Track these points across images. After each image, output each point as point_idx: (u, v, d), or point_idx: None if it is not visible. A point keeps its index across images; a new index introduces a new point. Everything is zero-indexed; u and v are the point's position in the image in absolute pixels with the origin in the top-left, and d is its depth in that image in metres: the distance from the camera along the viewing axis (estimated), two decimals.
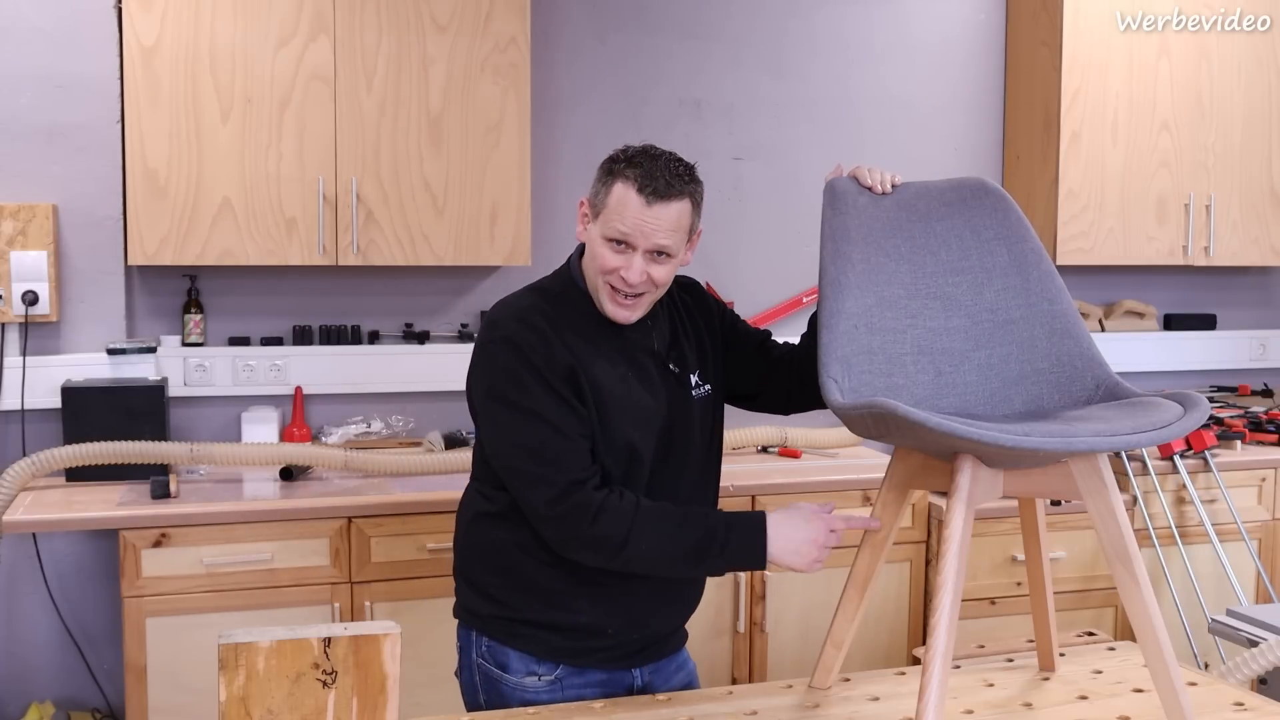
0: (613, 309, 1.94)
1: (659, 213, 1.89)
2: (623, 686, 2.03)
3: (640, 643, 2.03)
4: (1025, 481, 1.77)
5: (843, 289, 1.83)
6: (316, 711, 1.41)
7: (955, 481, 1.64)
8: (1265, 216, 4.13)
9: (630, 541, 1.84)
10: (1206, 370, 4.41)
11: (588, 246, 1.97)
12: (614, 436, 1.93)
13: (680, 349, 2.06)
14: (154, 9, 3.11)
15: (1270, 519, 3.83)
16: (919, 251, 1.90)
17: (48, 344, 3.31)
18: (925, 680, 1.57)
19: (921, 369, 1.83)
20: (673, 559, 1.87)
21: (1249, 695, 1.95)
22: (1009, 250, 1.90)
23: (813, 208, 3.95)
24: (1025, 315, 1.87)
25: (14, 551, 3.30)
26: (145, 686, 2.88)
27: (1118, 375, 1.83)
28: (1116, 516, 1.72)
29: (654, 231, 1.89)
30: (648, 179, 1.89)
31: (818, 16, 3.99)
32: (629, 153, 1.95)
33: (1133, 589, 1.73)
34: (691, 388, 2.04)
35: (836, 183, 1.98)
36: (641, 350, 2.00)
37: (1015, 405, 1.84)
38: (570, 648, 1.99)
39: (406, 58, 3.28)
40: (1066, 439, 1.56)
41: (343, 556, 2.99)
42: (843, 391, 1.75)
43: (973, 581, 3.44)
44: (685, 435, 2.02)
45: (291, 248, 3.23)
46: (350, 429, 3.53)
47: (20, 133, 3.26)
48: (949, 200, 1.94)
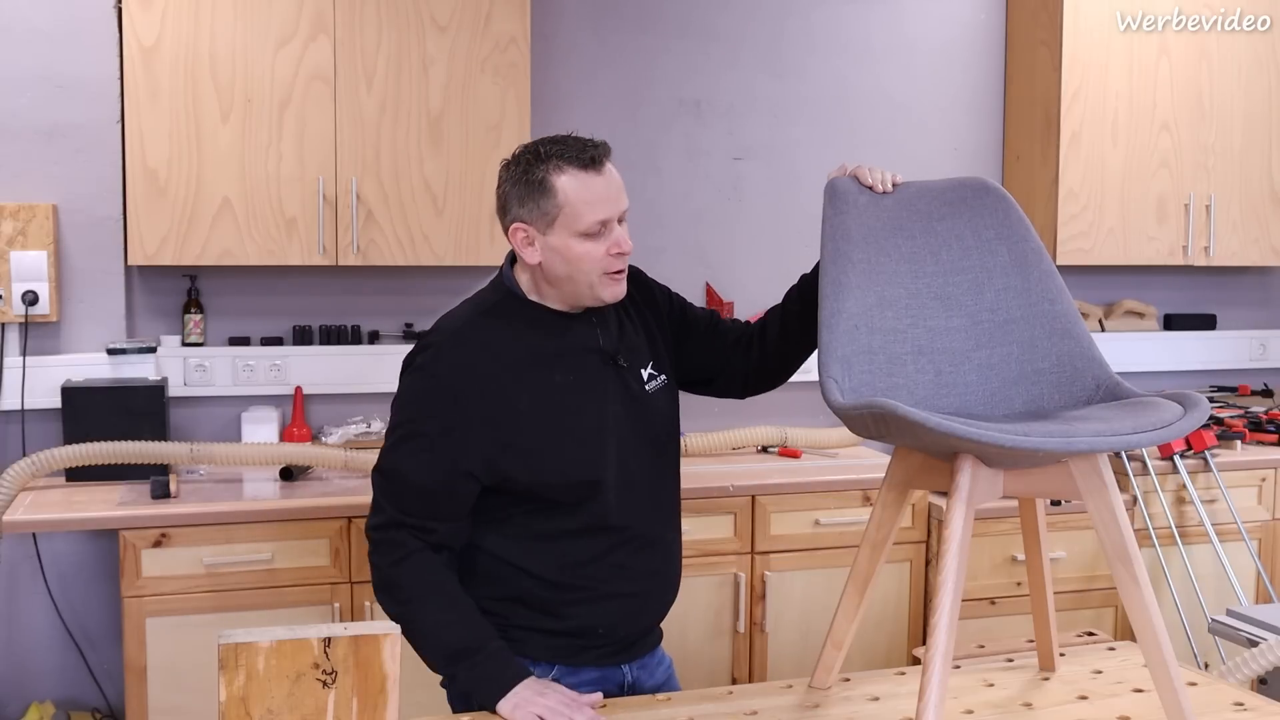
0: (613, 290, 1.93)
1: (607, 176, 1.88)
2: (614, 683, 2.03)
3: (628, 640, 2.04)
4: (1025, 481, 1.77)
5: (843, 289, 1.83)
6: (316, 711, 1.41)
7: (955, 481, 1.64)
8: (1265, 216, 4.13)
9: (414, 602, 1.87)
10: (1206, 370, 4.41)
11: (553, 258, 1.89)
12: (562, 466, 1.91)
13: (629, 341, 2.02)
14: (154, 9, 3.11)
15: (1270, 519, 3.83)
16: (919, 251, 1.90)
17: (48, 344, 3.31)
18: (925, 680, 1.57)
19: (921, 369, 1.83)
20: (434, 643, 1.88)
21: (1249, 695, 1.95)
22: (1009, 250, 1.89)
23: (812, 207, 3.95)
24: (1025, 315, 1.87)
25: (14, 551, 3.30)
26: (145, 686, 2.88)
27: (1118, 375, 1.83)
28: (1116, 516, 1.72)
29: (617, 197, 1.88)
30: (582, 154, 1.86)
31: (817, 16, 3.99)
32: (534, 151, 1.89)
33: (1133, 589, 1.72)
34: (644, 382, 2.02)
35: (837, 182, 1.98)
36: (587, 350, 1.96)
37: (1015, 405, 1.84)
38: (564, 646, 2.00)
39: (406, 58, 3.28)
40: (1066, 439, 1.56)
41: (343, 556, 2.99)
42: (843, 391, 1.75)
43: (973, 581, 3.44)
44: (639, 430, 1.99)
45: (291, 248, 3.23)
46: (350, 429, 3.53)
47: (20, 133, 3.26)
48: (949, 200, 1.94)
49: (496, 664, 1.85)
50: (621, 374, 1.99)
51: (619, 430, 1.96)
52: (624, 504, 1.97)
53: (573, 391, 1.93)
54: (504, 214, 1.93)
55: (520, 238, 1.91)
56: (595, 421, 1.94)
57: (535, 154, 1.88)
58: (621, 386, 1.98)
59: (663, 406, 2.05)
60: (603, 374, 1.97)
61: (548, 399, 1.91)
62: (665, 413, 2.06)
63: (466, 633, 1.87)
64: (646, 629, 2.08)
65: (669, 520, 2.09)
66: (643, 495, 2.00)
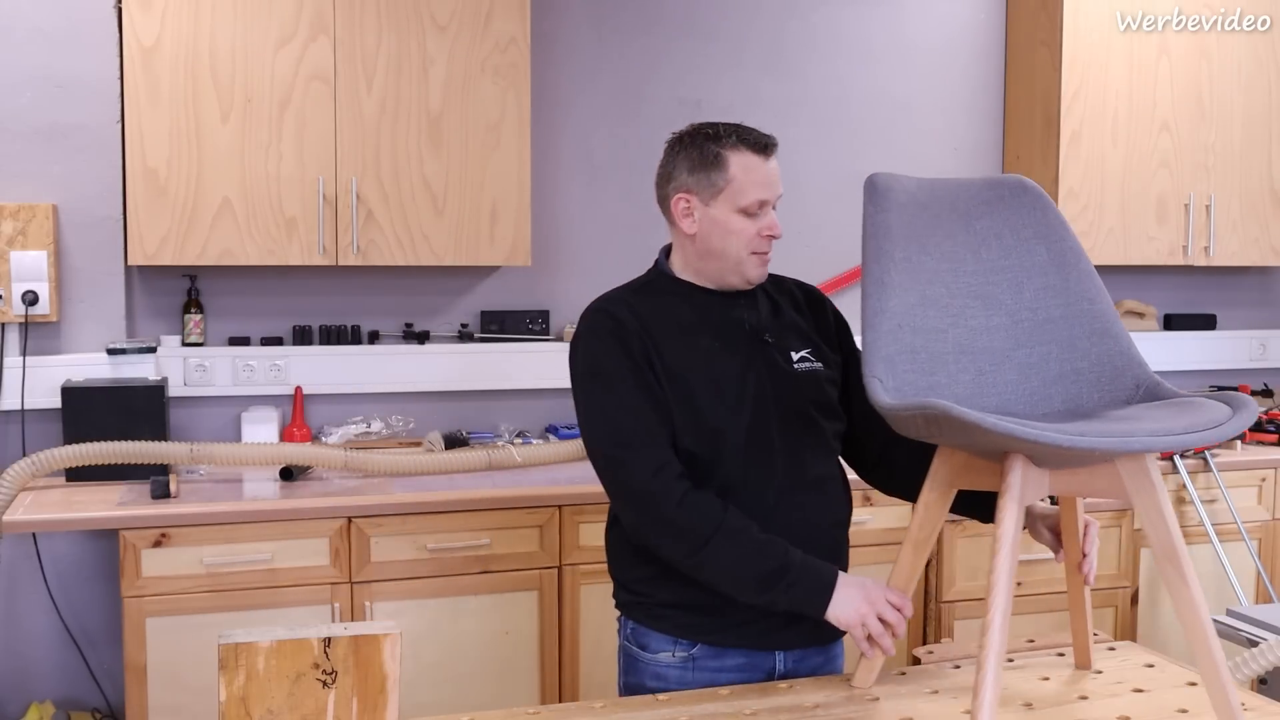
0: (759, 270, 2.02)
1: (772, 163, 2.00)
2: (762, 671, 2.01)
3: (782, 620, 1.98)
4: (1071, 480, 1.75)
5: (886, 287, 1.82)
6: (316, 711, 1.41)
7: (1006, 481, 1.64)
8: (1265, 216, 4.13)
9: (711, 543, 1.86)
10: (1206, 370, 4.41)
11: (711, 229, 1.99)
12: (698, 417, 1.95)
13: (782, 322, 2.07)
14: (154, 9, 3.11)
15: (1270, 519, 3.83)
16: (959, 249, 1.89)
17: (48, 344, 3.31)
18: (980, 679, 1.57)
19: (963, 368, 1.83)
20: (741, 579, 1.88)
21: (1249, 695, 1.95)
22: (1048, 249, 1.90)
23: (812, 207, 3.97)
24: (1065, 314, 1.87)
25: (14, 551, 3.30)
26: (145, 686, 2.88)
27: (1158, 375, 1.83)
28: (1165, 516, 1.70)
29: (775, 182, 1.99)
30: (751, 138, 1.98)
31: (817, 17, 3.99)
32: (711, 129, 2.00)
33: (1181, 588, 1.71)
34: (793, 361, 2.03)
35: (876, 178, 1.94)
36: (734, 322, 2.03)
37: (1055, 404, 1.84)
38: (707, 624, 1.99)
39: (406, 58, 3.28)
40: (1123, 439, 1.55)
41: (343, 556, 2.99)
42: (888, 391, 1.75)
43: (973, 582, 3.44)
44: (783, 403, 2.00)
45: (291, 248, 3.23)
46: (350, 429, 3.53)
47: (20, 133, 3.26)
48: (987, 198, 1.93)
49: (808, 576, 1.87)
50: (767, 349, 2.03)
51: (760, 396, 1.99)
52: (754, 467, 1.96)
53: (718, 355, 1.99)
54: (667, 183, 2.03)
55: (681, 207, 2.01)
56: (737, 384, 1.98)
57: (712, 132, 1.99)
58: (767, 360, 2.02)
59: (813, 385, 2.05)
60: (750, 346, 2.02)
61: (692, 358, 1.98)
62: (816, 392, 2.05)
63: (767, 556, 1.87)
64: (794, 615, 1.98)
65: (813, 497, 2.03)
66: (779, 465, 1.99)
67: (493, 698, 3.04)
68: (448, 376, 3.65)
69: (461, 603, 3.06)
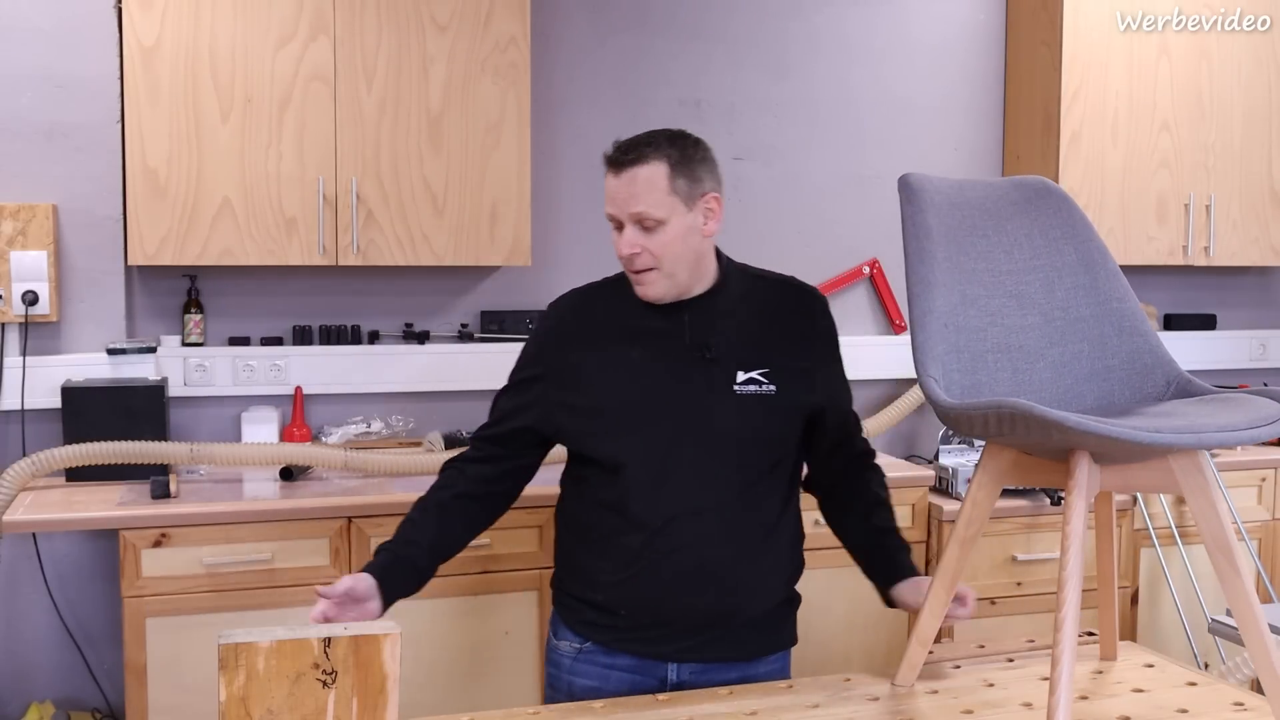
0: (642, 290, 1.99)
1: (624, 180, 1.93)
2: (654, 678, 2.01)
3: (662, 633, 1.99)
4: (1122, 476, 1.77)
5: (931, 287, 1.83)
6: (316, 711, 1.41)
7: (1074, 477, 1.66)
8: (1265, 216, 4.13)
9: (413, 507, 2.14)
10: (1207, 370, 4.41)
11: None
12: (601, 431, 1.98)
13: (733, 339, 1.99)
14: (154, 9, 3.11)
15: (1270, 519, 3.83)
16: (994, 249, 1.91)
17: (48, 344, 3.31)
18: (1055, 676, 1.58)
19: (1000, 367, 1.85)
20: None
21: (1249, 695, 1.96)
22: (1075, 249, 1.93)
23: (812, 208, 3.97)
24: (1095, 313, 1.90)
25: (14, 551, 3.30)
26: (145, 686, 2.88)
27: (1188, 373, 1.85)
28: (1218, 510, 1.73)
29: (625, 200, 1.93)
30: (610, 154, 1.97)
31: (818, 17, 3.99)
32: None
33: (1233, 578, 1.75)
34: (737, 381, 1.97)
35: (910, 177, 1.93)
36: (673, 336, 1.98)
37: (1088, 401, 1.86)
38: (595, 624, 2.03)
39: (406, 58, 3.28)
40: (1196, 435, 1.57)
41: (343, 556, 2.99)
42: (946, 390, 1.75)
43: (972, 581, 3.44)
44: (706, 427, 1.95)
45: (291, 248, 3.23)
46: (350, 429, 3.53)
47: (20, 133, 3.26)
48: (1014, 200, 1.96)
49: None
50: (706, 366, 1.97)
51: (679, 416, 1.95)
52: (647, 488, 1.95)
53: (643, 370, 1.98)
54: (700, 184, 1.97)
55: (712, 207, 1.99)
56: (652, 402, 1.96)
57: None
58: (704, 378, 1.97)
59: (753, 411, 1.97)
60: (686, 362, 1.97)
61: (613, 371, 1.99)
62: (752, 419, 1.97)
63: (390, 541, 2.10)
64: (690, 628, 1.99)
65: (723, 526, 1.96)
66: (675, 491, 1.95)
67: (493, 698, 3.04)
68: (448, 376, 3.64)
69: (461, 603, 3.06)
